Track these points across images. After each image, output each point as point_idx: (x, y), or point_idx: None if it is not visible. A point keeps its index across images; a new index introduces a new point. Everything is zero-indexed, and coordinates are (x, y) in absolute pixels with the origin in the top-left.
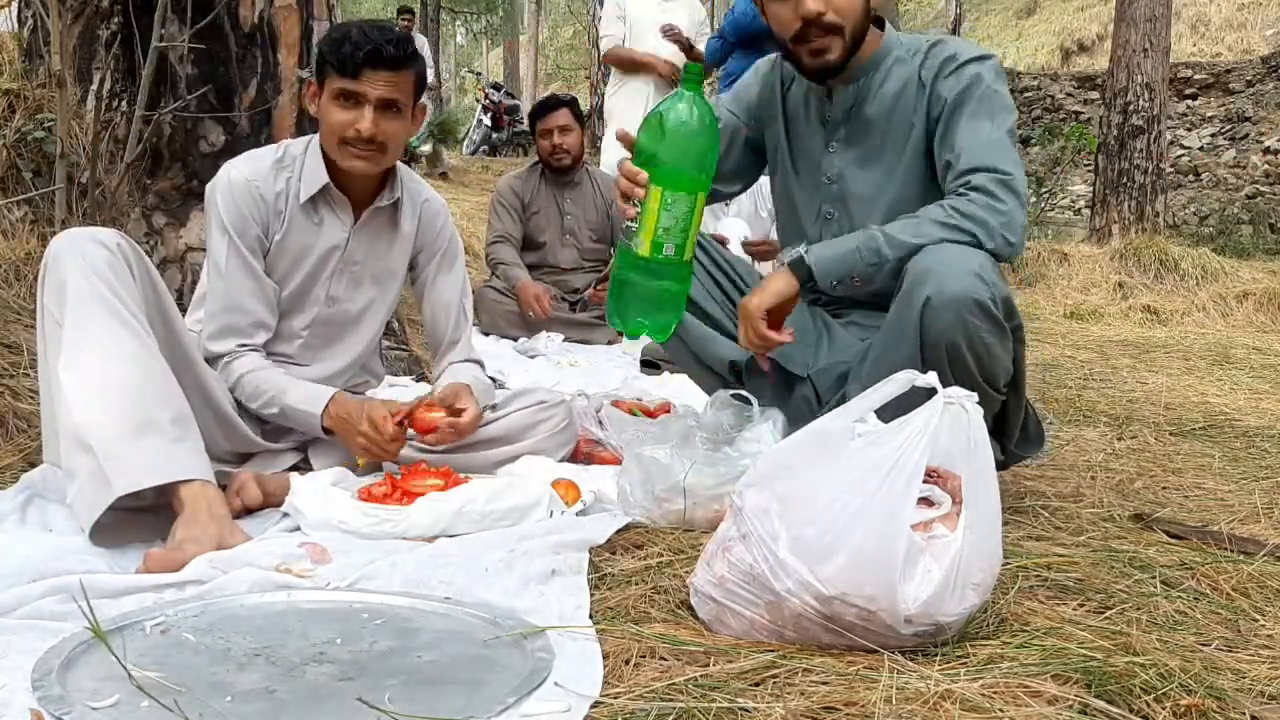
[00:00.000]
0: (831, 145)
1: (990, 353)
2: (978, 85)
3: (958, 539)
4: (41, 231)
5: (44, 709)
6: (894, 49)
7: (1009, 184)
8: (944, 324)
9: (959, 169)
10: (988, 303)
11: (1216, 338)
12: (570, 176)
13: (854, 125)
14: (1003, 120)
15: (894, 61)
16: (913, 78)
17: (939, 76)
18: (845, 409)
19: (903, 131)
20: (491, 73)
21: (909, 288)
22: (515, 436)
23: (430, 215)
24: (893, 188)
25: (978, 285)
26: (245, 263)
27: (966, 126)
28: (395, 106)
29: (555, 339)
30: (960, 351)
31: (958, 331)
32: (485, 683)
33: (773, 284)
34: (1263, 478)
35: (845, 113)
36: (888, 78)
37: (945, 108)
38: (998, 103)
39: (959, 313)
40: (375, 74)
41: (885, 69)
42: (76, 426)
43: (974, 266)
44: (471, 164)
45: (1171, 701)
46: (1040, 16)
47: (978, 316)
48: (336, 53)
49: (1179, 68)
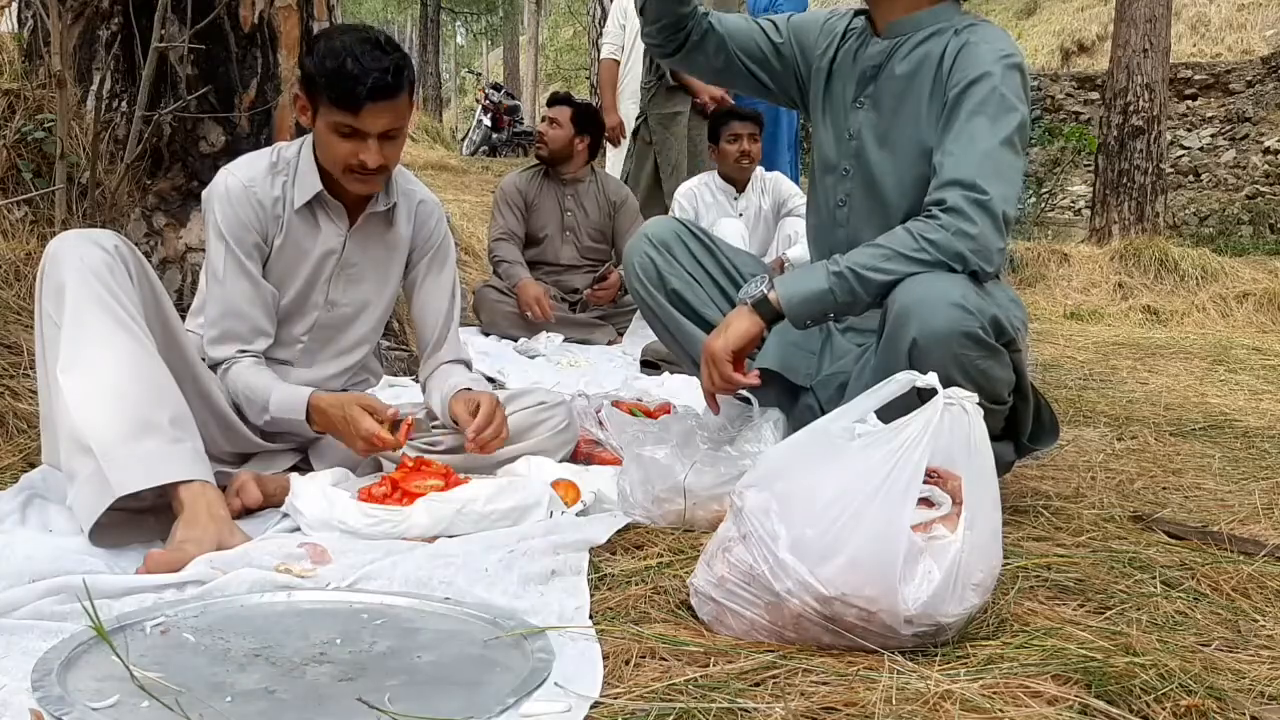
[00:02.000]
0: (860, 100)
1: (989, 376)
2: (983, 83)
3: (958, 539)
4: (41, 232)
5: (44, 709)
6: (940, 20)
7: (985, 205)
8: (934, 362)
9: (940, 179)
10: (976, 332)
11: (1216, 338)
12: (569, 173)
13: (881, 85)
14: (1003, 124)
15: (932, 32)
16: (934, 55)
17: (954, 65)
18: (845, 409)
19: (914, 109)
20: (491, 73)
21: (893, 331)
22: (515, 436)
23: (425, 216)
24: (902, 168)
25: (962, 317)
26: (243, 268)
27: (963, 127)
28: (396, 132)
29: (555, 339)
30: (957, 383)
31: (950, 367)
32: (485, 683)
33: (736, 324)
34: (1263, 478)
35: (874, 69)
36: (918, 45)
37: (949, 101)
38: (1001, 104)
39: (948, 349)
40: (376, 107)
41: (921, 35)
42: (75, 428)
43: (955, 297)
44: (472, 164)
45: (1171, 702)
46: (1040, 17)
47: (968, 348)
48: (335, 88)
49: (1179, 68)
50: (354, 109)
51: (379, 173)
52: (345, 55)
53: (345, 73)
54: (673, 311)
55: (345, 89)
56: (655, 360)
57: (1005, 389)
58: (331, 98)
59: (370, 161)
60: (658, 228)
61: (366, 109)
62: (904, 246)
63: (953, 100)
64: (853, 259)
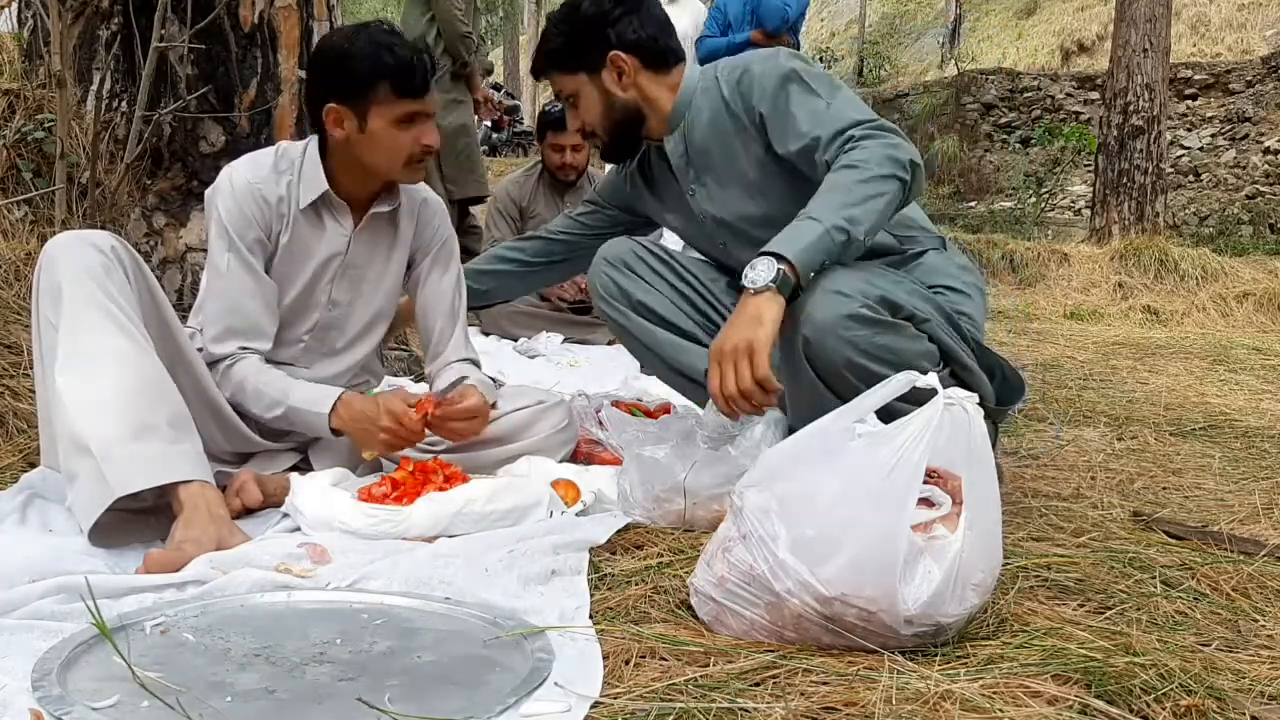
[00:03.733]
0: (690, 189)
1: (894, 350)
2: (785, 80)
3: (958, 540)
4: (41, 231)
5: (44, 709)
6: (696, 81)
7: (879, 124)
8: (830, 351)
9: (825, 139)
10: (859, 311)
11: (1216, 338)
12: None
13: (696, 162)
14: (829, 91)
15: (700, 93)
16: (718, 104)
17: (741, 94)
18: (845, 409)
19: (733, 153)
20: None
21: (788, 339)
22: (515, 436)
23: (428, 215)
24: (762, 203)
25: (839, 301)
26: (246, 264)
27: (800, 113)
28: None
29: (555, 339)
30: (858, 364)
31: (846, 350)
32: (485, 683)
33: (768, 311)
34: (1263, 478)
35: (682, 157)
36: (701, 110)
37: (766, 115)
38: (815, 80)
39: (836, 334)
40: (429, 88)
41: (696, 104)
42: (74, 430)
43: (831, 286)
44: None
45: (1171, 702)
46: (1040, 16)
47: (854, 328)
48: (400, 76)
49: (1179, 68)
50: (419, 93)
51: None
52: (387, 47)
53: (404, 62)
54: (643, 323)
55: (408, 76)
56: None
57: (925, 360)
58: (396, 89)
59: (434, 141)
60: (613, 249)
61: (428, 90)
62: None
63: (770, 109)
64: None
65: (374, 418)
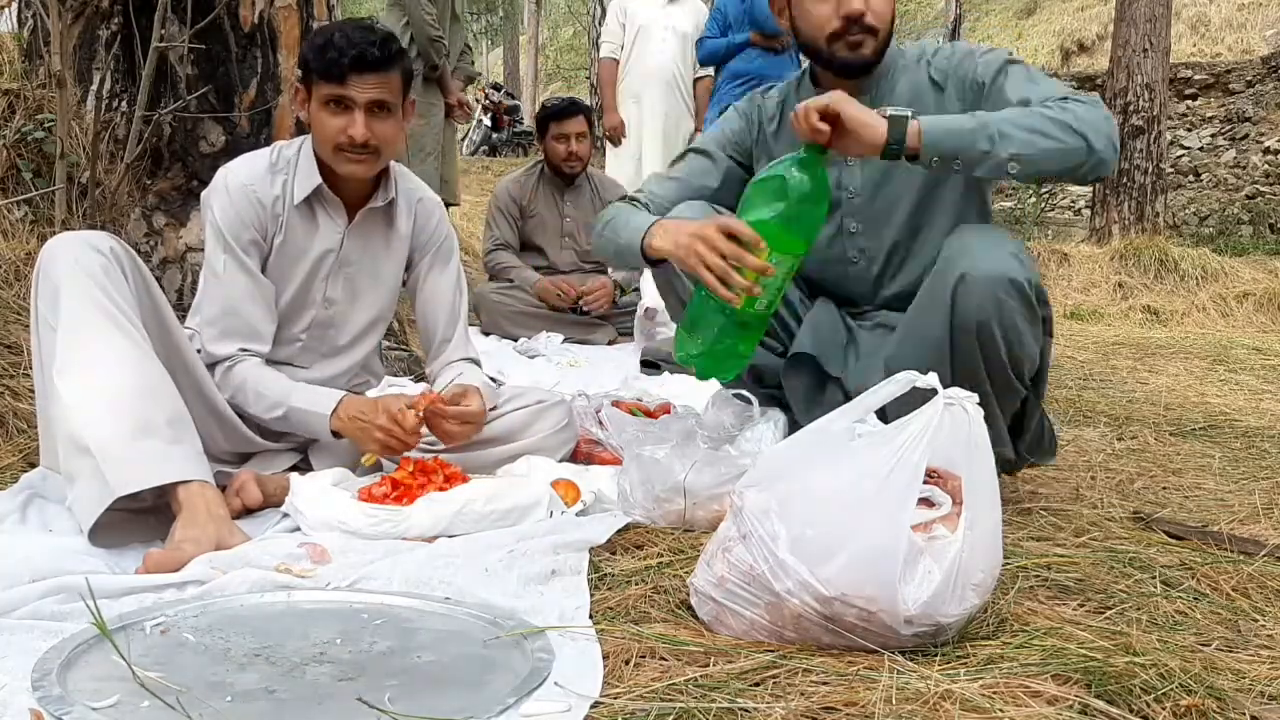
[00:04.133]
0: (850, 158)
1: (1020, 337)
2: (1010, 62)
3: (958, 540)
4: (41, 231)
5: (44, 709)
6: (897, 59)
7: (1098, 100)
8: (977, 300)
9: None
10: (1023, 283)
11: (1216, 338)
12: (573, 180)
13: None
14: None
15: (900, 70)
16: (923, 81)
17: (957, 68)
18: (845, 409)
19: None
20: (491, 73)
21: (943, 265)
22: (515, 436)
23: (425, 214)
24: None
25: (1014, 265)
26: (242, 265)
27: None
28: (385, 107)
29: (555, 339)
30: (991, 330)
31: (990, 309)
32: (485, 683)
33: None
34: (1263, 478)
35: None
36: (896, 85)
37: (986, 84)
38: (1039, 75)
39: (993, 290)
40: (362, 78)
41: (893, 77)
42: (74, 431)
43: (1011, 248)
44: (472, 164)
45: (1171, 702)
46: (1040, 16)
47: (1012, 296)
48: (321, 59)
49: (1179, 68)
50: (340, 78)
51: (370, 152)
52: (333, 32)
53: (332, 44)
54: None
55: (331, 59)
56: (655, 360)
57: (1029, 363)
58: (319, 70)
59: (358, 135)
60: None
61: (352, 78)
62: (1043, 111)
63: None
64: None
65: (371, 417)
